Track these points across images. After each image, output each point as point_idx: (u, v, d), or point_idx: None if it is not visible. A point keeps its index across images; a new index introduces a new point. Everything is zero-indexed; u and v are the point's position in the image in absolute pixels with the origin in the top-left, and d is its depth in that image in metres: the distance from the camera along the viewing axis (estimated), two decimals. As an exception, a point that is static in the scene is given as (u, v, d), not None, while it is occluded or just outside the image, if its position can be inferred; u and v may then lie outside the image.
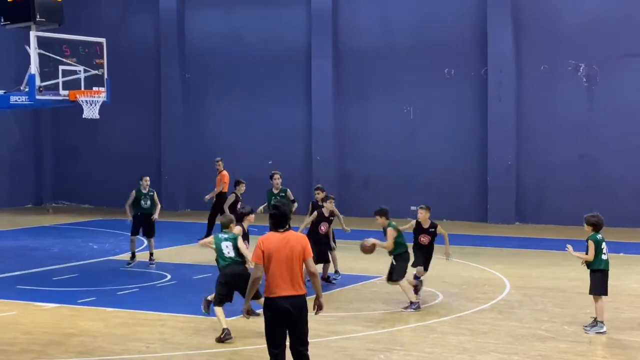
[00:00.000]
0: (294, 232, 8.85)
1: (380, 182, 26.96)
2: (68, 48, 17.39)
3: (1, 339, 11.87)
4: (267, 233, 8.83)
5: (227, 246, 11.93)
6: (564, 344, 11.59)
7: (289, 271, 8.59)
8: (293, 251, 8.63)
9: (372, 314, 13.45)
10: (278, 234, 8.73)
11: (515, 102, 25.38)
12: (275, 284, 8.58)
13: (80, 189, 31.13)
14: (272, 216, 8.81)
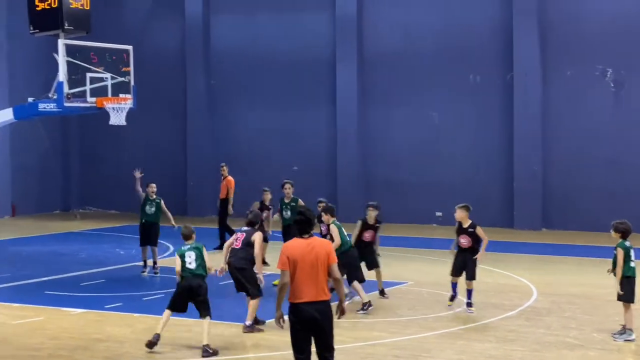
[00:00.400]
0: (318, 238, 8.87)
1: (405, 188, 26.91)
2: (95, 55, 17.53)
3: (29, 344, 11.95)
4: (292, 239, 8.84)
5: (190, 256, 11.77)
6: (593, 352, 11.50)
7: (313, 277, 8.61)
8: (318, 257, 8.65)
9: (398, 320, 13.42)
10: (302, 240, 8.75)
11: (541, 107, 25.26)
12: (300, 289, 8.60)
13: (106, 195, 31.32)
14: (297, 222, 8.85)
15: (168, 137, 30.39)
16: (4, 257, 20.68)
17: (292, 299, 8.65)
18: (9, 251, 21.49)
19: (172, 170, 29.33)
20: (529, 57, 25.18)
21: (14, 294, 15.77)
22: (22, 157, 30.06)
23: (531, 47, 25.17)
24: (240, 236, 12.81)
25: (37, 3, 17.23)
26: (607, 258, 19.82)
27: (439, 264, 19.07)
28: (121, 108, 17.54)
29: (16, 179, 29.81)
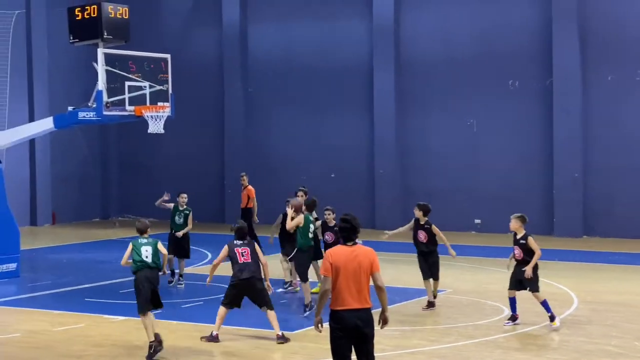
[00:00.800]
0: (362, 246, 8.82)
1: (443, 195, 26.78)
2: (134, 64, 17.70)
3: (71, 351, 12.05)
4: (336, 246, 8.82)
5: (147, 250, 11.98)
6: (635, 360, 11.37)
7: (356, 284, 8.58)
8: (361, 265, 8.62)
9: (437, 328, 13.35)
10: (347, 248, 8.72)
11: (581, 113, 25.03)
12: (342, 297, 8.58)
13: (145, 203, 31.41)
14: (342, 229, 8.80)
15: (206, 144, 30.54)
16: (45, 264, 20.90)
17: (333, 306, 8.63)
18: (49, 259, 21.71)
19: (210, 178, 29.47)
20: (568, 61, 24.96)
21: (54, 301, 15.92)
22: (62, 166, 30.37)
23: (571, 51, 24.95)
24: (246, 250, 12.59)
25: (77, 13, 17.45)
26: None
27: (477, 271, 18.97)
28: (159, 116, 17.67)
29: (56, 187, 30.12)
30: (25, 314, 14.81)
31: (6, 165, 20.13)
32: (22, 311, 15.13)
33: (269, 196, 29.07)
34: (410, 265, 19.66)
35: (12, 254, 18.58)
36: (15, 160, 27.39)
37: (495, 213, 26.07)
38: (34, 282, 18.29)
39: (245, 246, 12.60)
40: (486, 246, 23.28)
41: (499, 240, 24.28)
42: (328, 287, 8.62)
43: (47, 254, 22.69)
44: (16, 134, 19.34)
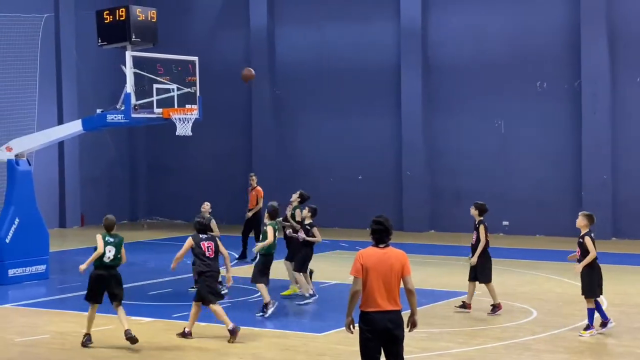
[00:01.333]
0: (394, 248, 8.79)
1: (471, 197, 26.48)
2: (162, 67, 17.77)
3: (99, 353, 12.12)
4: (368, 248, 8.81)
5: (110, 250, 12.48)
6: (665, 363, 11.26)
7: (386, 286, 8.57)
8: (392, 267, 8.61)
9: (465, 330, 13.29)
10: (378, 250, 8.70)
11: (611, 114, 24.85)
12: (372, 298, 8.56)
13: (173, 205, 31.67)
14: (375, 231, 8.76)
15: (233, 146, 30.63)
16: (74, 266, 20.85)
17: (363, 307, 8.62)
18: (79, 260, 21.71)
19: (237, 180, 29.51)
20: (597, 63, 24.78)
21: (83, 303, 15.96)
22: (90, 168, 30.57)
23: (599, 53, 24.77)
24: (210, 245, 12.92)
25: (105, 16, 17.55)
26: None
27: (506, 273, 18.87)
28: (187, 118, 17.72)
29: (85, 189, 30.32)
30: (55, 316, 14.91)
31: (35, 167, 20.28)
32: (51, 313, 15.24)
33: (296, 198, 29.08)
34: (438, 268, 19.63)
35: (42, 256, 18.74)
36: (44, 162, 27.61)
37: (523, 215, 25.96)
38: (63, 283, 18.41)
39: (209, 240, 12.97)
40: (514, 248, 23.16)
41: (526, 243, 24.18)
42: (358, 288, 8.59)
43: (76, 255, 22.80)
44: (45, 136, 19.49)
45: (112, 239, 12.65)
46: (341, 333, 12.82)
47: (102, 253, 12.54)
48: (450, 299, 15.81)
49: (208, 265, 12.82)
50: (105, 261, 12.53)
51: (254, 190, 21.39)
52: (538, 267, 19.68)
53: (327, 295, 15.31)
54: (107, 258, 12.50)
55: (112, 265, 12.65)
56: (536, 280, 18.02)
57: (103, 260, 12.52)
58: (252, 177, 21.76)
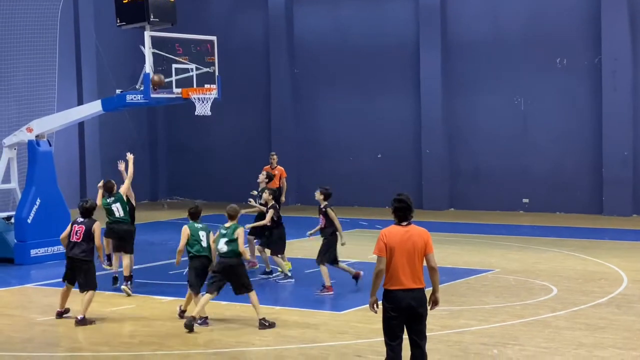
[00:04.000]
0: (416, 226, 8.78)
1: (491, 175, 26.63)
2: (180, 47, 17.78)
3: (121, 332, 12.22)
4: (390, 226, 8.81)
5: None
6: (686, 340, 11.24)
7: (410, 265, 8.58)
8: (415, 245, 8.61)
9: (485, 307, 13.31)
10: (401, 228, 8.70)
11: (632, 91, 24.67)
12: (396, 276, 8.58)
13: (193, 185, 31.78)
14: (397, 209, 8.75)
15: (252, 126, 30.67)
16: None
17: (387, 285, 8.63)
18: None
19: (257, 159, 29.55)
20: (618, 39, 24.58)
21: (104, 282, 16.10)
22: (110, 148, 30.64)
23: (620, 28, 24.57)
24: (80, 228, 13.02)
25: (123, -4, 17.55)
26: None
27: (526, 250, 18.86)
28: (206, 98, 17.75)
29: (105, 169, 30.38)
30: (77, 295, 15.00)
31: (56, 148, 20.39)
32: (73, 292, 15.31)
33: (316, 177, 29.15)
34: (457, 245, 19.65)
35: (63, 236, 18.83)
36: (65, 143, 27.74)
37: (542, 192, 25.89)
38: (84, 263, 18.51)
39: (81, 224, 13.20)
40: (534, 225, 23.12)
41: (546, 220, 24.13)
42: (382, 267, 8.60)
43: (97, 235, 22.95)
44: (65, 117, 19.58)
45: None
46: (361, 311, 12.89)
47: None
48: (470, 277, 15.83)
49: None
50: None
51: (276, 169, 21.38)
52: (558, 244, 19.65)
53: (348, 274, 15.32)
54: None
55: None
56: (556, 257, 17.99)
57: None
58: (273, 156, 21.72)
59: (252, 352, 10.99)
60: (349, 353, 10.81)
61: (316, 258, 14.71)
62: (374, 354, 10.62)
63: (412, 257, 8.59)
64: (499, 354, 10.65)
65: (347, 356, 10.67)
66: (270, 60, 30.06)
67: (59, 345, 11.71)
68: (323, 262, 14.59)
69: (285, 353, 10.92)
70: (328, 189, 14.87)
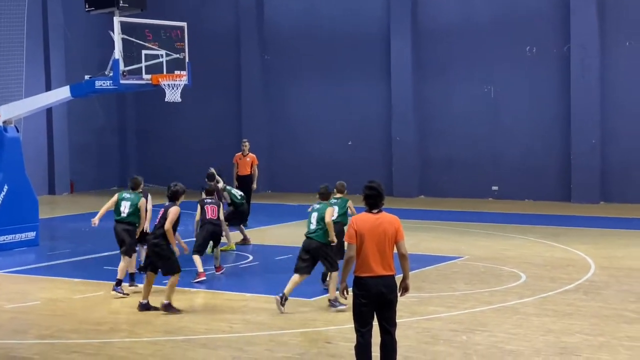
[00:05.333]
0: (387, 213, 8.81)
1: (461, 163, 26.75)
2: (150, 33, 17.68)
3: (90, 319, 12.17)
4: (361, 213, 8.83)
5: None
6: (652, 326, 11.38)
7: (380, 252, 8.60)
8: (386, 232, 8.63)
9: (454, 294, 13.38)
10: (372, 215, 8.72)
11: (600, 79, 24.85)
12: (366, 263, 8.60)
13: (163, 172, 31.58)
14: (368, 197, 8.77)
15: (223, 112, 30.56)
16: (64, 233, 21.05)
17: (358, 272, 8.64)
18: (69, 227, 21.85)
19: (228, 146, 29.48)
20: (586, 27, 24.74)
21: (74, 269, 16.06)
22: (79, 135, 30.48)
23: (588, 17, 24.72)
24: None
25: (92, -19, 17.41)
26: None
27: (495, 237, 18.98)
28: (176, 85, 17.69)
29: (74, 156, 30.25)
30: (46, 282, 14.96)
31: (24, 134, 20.23)
32: (42, 279, 15.28)
33: (287, 164, 29.19)
34: (427, 233, 19.72)
35: (31, 223, 18.73)
36: (33, 129, 27.52)
37: (512, 180, 26.05)
38: (53, 250, 18.45)
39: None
40: (503, 212, 23.27)
41: (515, 207, 24.29)
42: (353, 254, 8.62)
43: (66, 222, 22.85)
44: (33, 103, 19.41)
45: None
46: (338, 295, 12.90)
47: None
48: (440, 264, 15.92)
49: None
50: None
51: (248, 156, 21.35)
52: (527, 231, 19.79)
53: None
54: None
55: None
56: (525, 244, 18.13)
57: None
58: (245, 143, 21.71)
59: (222, 339, 10.98)
60: (319, 339, 10.83)
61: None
62: (344, 340, 10.66)
63: (383, 244, 8.62)
64: (467, 340, 10.72)
65: (318, 342, 10.70)
66: (241, 47, 29.95)
67: (27, 332, 11.63)
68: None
69: (255, 340, 10.93)
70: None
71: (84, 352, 10.49)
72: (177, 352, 10.45)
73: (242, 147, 21.56)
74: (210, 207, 15.15)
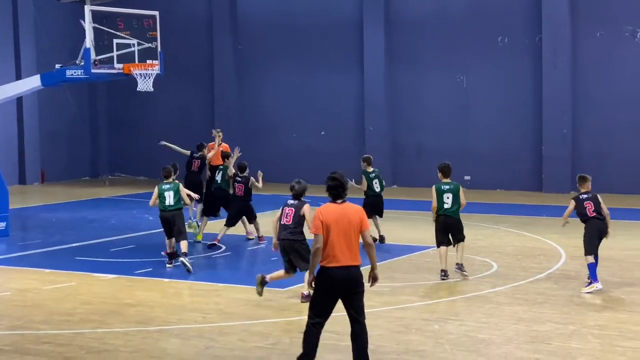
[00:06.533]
0: (350, 203, 8.84)
1: (433, 152, 26.79)
2: (122, 22, 17.57)
3: (61, 309, 12.09)
4: (326, 204, 8.84)
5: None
6: (622, 314, 11.48)
7: (346, 242, 8.62)
8: (351, 222, 8.66)
9: (427, 284, 13.43)
10: (336, 205, 8.76)
11: (571, 69, 25.01)
12: (333, 254, 8.61)
13: (135, 162, 31.50)
14: (331, 187, 8.82)
15: (196, 102, 30.45)
16: (34, 223, 20.90)
17: (325, 263, 8.65)
18: (39, 217, 21.71)
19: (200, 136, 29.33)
20: (558, 18, 24.88)
21: (45, 259, 15.95)
22: (50, 124, 30.26)
23: (560, 8, 24.87)
24: (289, 211, 12.10)
25: (63, -31, 17.27)
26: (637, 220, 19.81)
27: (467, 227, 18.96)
28: (148, 74, 17.60)
29: (45, 145, 30.03)
30: (16, 273, 14.85)
31: (-6, 124, 20.04)
32: (12, 270, 15.17)
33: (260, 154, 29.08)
34: (399, 222, 19.77)
35: (1, 213, 18.56)
36: (3, 118, 27.31)
37: (484, 169, 26.17)
38: (23, 240, 18.30)
39: (292, 207, 12.10)
40: (475, 202, 23.32)
41: (487, 197, 24.40)
42: (320, 245, 8.63)
43: (36, 212, 22.69)
44: (2, 92, 19.24)
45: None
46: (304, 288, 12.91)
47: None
48: (413, 254, 15.96)
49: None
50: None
51: (221, 146, 21.25)
52: (498, 221, 19.91)
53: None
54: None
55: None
56: (496, 234, 18.23)
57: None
58: (219, 132, 21.60)
59: (195, 329, 10.95)
60: (292, 329, 10.84)
61: None
62: (317, 330, 10.66)
63: (349, 234, 8.64)
64: (439, 329, 10.77)
65: (291, 332, 10.71)
66: (214, 36, 29.84)
67: (-3, 323, 11.54)
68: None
69: (229, 330, 10.91)
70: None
71: (55, 342, 10.42)
72: (149, 343, 10.41)
73: (214, 137, 21.46)
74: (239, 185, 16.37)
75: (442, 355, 9.74)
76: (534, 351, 9.86)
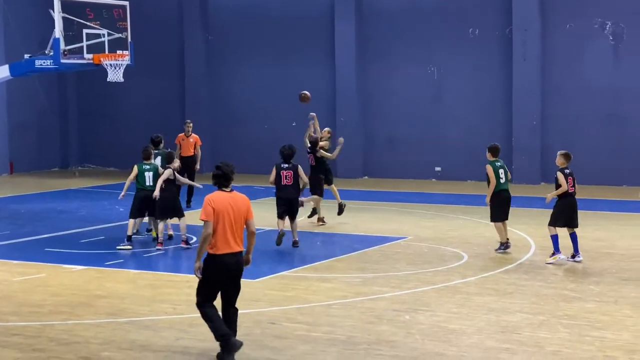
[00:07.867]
0: (238, 192, 9.25)
1: (405, 144, 26.90)
2: (91, 11, 17.48)
3: (30, 301, 12.02)
4: (215, 192, 9.17)
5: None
6: (590, 304, 11.58)
7: (235, 229, 9.03)
8: (240, 210, 9.08)
9: (397, 274, 13.48)
10: (226, 193, 9.14)
11: (540, 61, 25.15)
12: (223, 241, 8.98)
13: (105, 153, 31.31)
14: (215, 176, 9.18)
15: (166, 93, 30.30)
16: (3, 214, 20.72)
17: (215, 250, 9.01)
18: (8, 209, 21.53)
19: (171, 127, 29.25)
20: (528, 10, 25.00)
21: (14, 251, 15.83)
22: (19, 115, 29.99)
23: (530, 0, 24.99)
24: (288, 174, 15.29)
25: (31, -42, 17.12)
26: (605, 211, 19.98)
27: (438, 218, 19.14)
28: (118, 64, 17.53)
29: (14, 136, 29.77)
30: None
31: (-38, 114, 19.84)
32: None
33: (231, 145, 29.05)
34: (371, 214, 19.82)
35: (-30, 204, 18.42)
36: (-28, 109, 26.97)
37: (455, 160, 26.28)
38: (-8, 232, 18.15)
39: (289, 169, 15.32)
40: (446, 193, 23.47)
41: (458, 188, 24.52)
42: (210, 232, 8.95)
43: (5, 204, 22.50)
44: (-29, 82, 19.07)
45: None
46: (275, 279, 12.93)
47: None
48: (383, 244, 16.01)
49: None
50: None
51: (191, 137, 21.22)
52: (469, 212, 20.01)
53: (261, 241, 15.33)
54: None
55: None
56: (467, 225, 18.32)
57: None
58: (189, 124, 21.56)
59: (165, 321, 10.93)
60: (263, 320, 10.84)
61: None
62: (288, 320, 10.68)
63: (238, 221, 9.07)
64: (410, 320, 10.81)
65: (262, 323, 10.71)
66: (184, 27, 29.69)
67: (-34, 315, 11.45)
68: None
69: (198, 321, 10.87)
70: None
71: (25, 334, 10.36)
72: (120, 334, 10.38)
73: (185, 128, 21.41)
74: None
75: (413, 345, 9.79)
76: (504, 341, 9.93)
